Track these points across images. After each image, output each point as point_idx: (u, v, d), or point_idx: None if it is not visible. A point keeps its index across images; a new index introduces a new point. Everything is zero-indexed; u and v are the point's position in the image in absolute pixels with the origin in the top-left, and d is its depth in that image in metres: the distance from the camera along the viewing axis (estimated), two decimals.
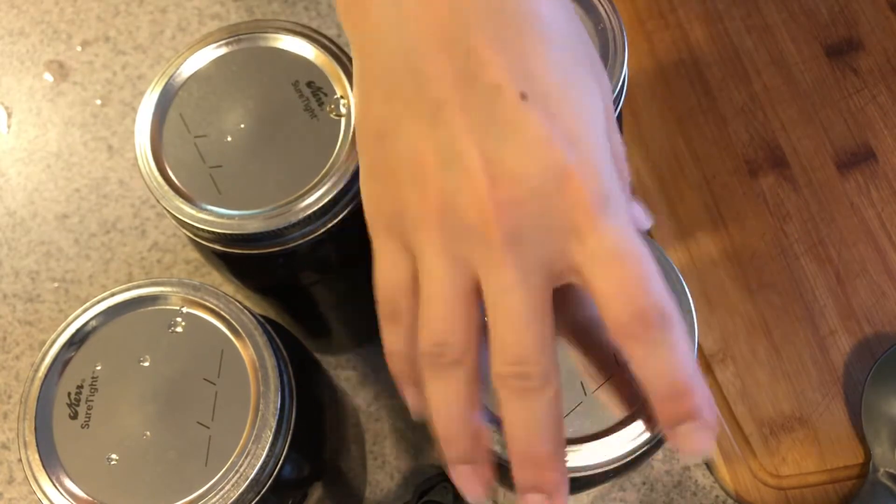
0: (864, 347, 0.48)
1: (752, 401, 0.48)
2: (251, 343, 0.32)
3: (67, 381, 0.32)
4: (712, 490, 0.48)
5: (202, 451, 0.31)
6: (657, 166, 0.53)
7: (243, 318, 0.33)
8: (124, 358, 0.33)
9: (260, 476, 0.31)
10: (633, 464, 0.31)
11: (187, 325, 0.33)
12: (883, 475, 0.45)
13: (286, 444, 0.32)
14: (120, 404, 0.32)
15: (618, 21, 0.35)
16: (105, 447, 0.31)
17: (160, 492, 0.31)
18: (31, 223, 0.56)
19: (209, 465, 0.31)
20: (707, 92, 0.55)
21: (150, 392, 0.32)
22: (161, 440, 0.31)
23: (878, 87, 0.54)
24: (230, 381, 0.32)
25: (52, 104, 0.59)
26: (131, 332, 0.33)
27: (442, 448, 0.27)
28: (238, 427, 0.31)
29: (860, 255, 0.50)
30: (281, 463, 0.32)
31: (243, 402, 0.32)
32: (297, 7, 0.61)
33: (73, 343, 0.33)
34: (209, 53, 0.37)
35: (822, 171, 0.52)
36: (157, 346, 0.33)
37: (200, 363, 0.32)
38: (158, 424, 0.32)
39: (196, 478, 0.31)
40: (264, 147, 0.35)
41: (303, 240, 0.35)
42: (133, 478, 0.31)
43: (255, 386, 0.32)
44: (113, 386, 0.32)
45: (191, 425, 0.31)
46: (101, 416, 0.32)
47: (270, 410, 0.31)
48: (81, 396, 0.32)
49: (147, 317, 0.33)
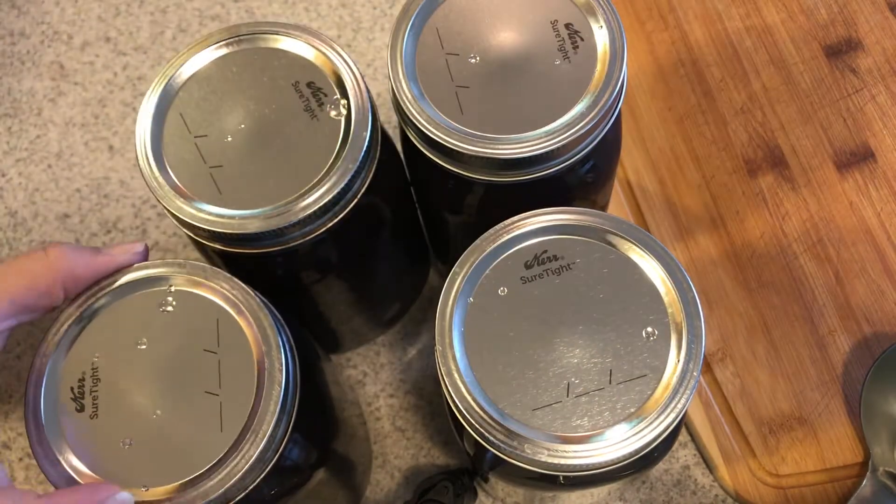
0: (863, 347, 0.48)
1: (751, 400, 0.48)
2: (246, 307, 0.33)
3: (68, 377, 0.33)
4: (712, 489, 0.48)
5: (215, 418, 0.32)
6: (656, 166, 0.53)
7: (232, 286, 0.33)
8: (121, 344, 0.33)
9: (276, 432, 0.31)
10: (639, 463, 0.31)
11: (178, 303, 0.34)
12: (882, 474, 0.45)
13: (295, 400, 0.33)
14: (125, 389, 0.32)
15: (617, 21, 0.36)
16: (118, 433, 0.32)
17: (182, 463, 0.31)
18: (32, 223, 0.56)
19: (225, 430, 0.31)
20: (706, 92, 0.55)
21: (153, 372, 0.33)
22: (173, 416, 0.32)
23: (877, 87, 0.54)
24: (230, 347, 0.33)
25: (52, 104, 0.59)
26: (123, 319, 0.34)
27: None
28: (247, 388, 0.32)
29: (859, 255, 0.50)
30: (293, 419, 0.32)
31: (247, 364, 0.32)
32: (297, 8, 0.61)
33: (65, 342, 0.33)
34: (210, 54, 0.37)
35: (822, 171, 0.52)
36: (151, 327, 0.33)
37: (198, 336, 0.33)
38: (167, 401, 0.32)
39: (214, 444, 0.31)
40: (264, 147, 0.35)
41: (303, 239, 0.35)
42: (152, 456, 0.31)
43: (257, 347, 0.32)
44: (114, 373, 0.33)
45: (200, 396, 0.32)
46: (109, 404, 0.32)
47: (276, 366, 0.32)
48: (84, 388, 0.32)
49: (137, 301, 0.34)
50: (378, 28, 0.60)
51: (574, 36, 0.36)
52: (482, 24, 0.36)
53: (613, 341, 0.32)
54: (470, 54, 0.36)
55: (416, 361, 0.52)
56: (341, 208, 0.35)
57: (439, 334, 0.32)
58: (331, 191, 0.34)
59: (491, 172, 0.35)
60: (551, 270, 0.33)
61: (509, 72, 0.35)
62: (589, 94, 0.35)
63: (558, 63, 0.35)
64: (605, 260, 0.33)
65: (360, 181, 0.35)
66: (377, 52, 0.59)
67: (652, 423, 0.30)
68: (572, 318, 0.32)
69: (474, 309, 0.33)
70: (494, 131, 0.34)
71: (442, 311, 0.32)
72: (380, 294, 0.48)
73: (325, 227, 0.35)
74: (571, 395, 0.31)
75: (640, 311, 0.32)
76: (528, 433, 0.30)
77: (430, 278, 0.54)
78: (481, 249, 0.33)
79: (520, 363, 0.32)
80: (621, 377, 0.31)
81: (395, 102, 0.36)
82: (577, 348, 0.32)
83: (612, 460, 0.30)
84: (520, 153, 0.34)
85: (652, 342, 0.32)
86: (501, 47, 0.36)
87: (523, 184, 0.35)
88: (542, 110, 0.35)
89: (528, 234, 0.33)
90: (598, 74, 0.35)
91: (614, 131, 0.38)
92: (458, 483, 0.45)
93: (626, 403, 0.31)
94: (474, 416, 0.31)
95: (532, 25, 0.36)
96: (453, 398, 0.31)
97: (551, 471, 0.31)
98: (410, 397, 0.51)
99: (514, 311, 0.32)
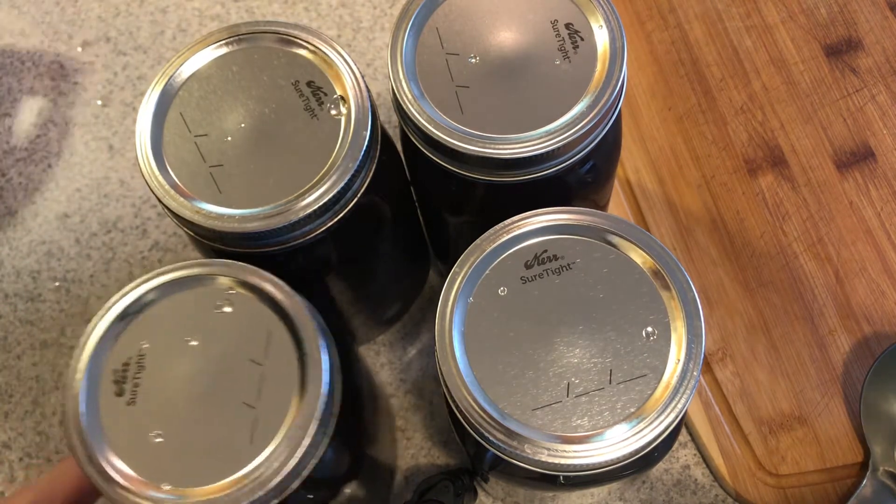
0: (863, 346, 0.48)
1: (751, 400, 0.48)
2: (299, 325, 0.32)
3: (114, 358, 0.32)
4: (711, 489, 0.48)
5: (247, 431, 0.31)
6: (656, 166, 0.53)
7: (291, 301, 0.33)
8: (172, 337, 0.33)
9: (303, 459, 0.31)
10: (639, 463, 0.31)
11: (235, 306, 0.33)
12: (882, 474, 0.45)
13: (332, 427, 0.32)
14: (166, 383, 0.32)
15: (617, 21, 0.36)
16: (149, 425, 0.31)
17: (204, 470, 0.31)
18: (31, 223, 0.56)
19: (254, 445, 0.31)
20: (706, 92, 0.55)
21: (196, 371, 0.32)
22: (206, 419, 0.31)
23: (877, 87, 0.54)
24: (276, 362, 0.32)
25: (52, 104, 0.59)
26: (179, 312, 0.33)
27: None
28: (283, 408, 0.31)
29: (859, 255, 0.50)
30: (326, 446, 0.32)
31: (289, 383, 0.32)
32: (297, 7, 0.61)
33: (122, 319, 0.33)
34: (209, 53, 0.37)
35: (821, 171, 0.52)
36: (204, 325, 0.33)
37: (247, 344, 0.32)
38: (204, 404, 0.32)
39: (240, 458, 0.31)
40: (264, 146, 0.35)
41: (303, 239, 0.35)
42: (177, 456, 0.31)
43: (301, 369, 0.32)
44: (160, 364, 0.32)
45: (237, 405, 0.31)
46: (147, 394, 0.32)
47: (317, 392, 0.31)
48: (128, 374, 0.32)
49: (195, 296, 0.33)
50: (378, 28, 0.60)
51: (574, 36, 0.36)
52: (482, 24, 0.36)
53: (613, 341, 0.32)
54: (470, 54, 0.36)
55: (416, 361, 0.52)
56: (341, 208, 0.35)
57: (439, 334, 0.32)
58: (331, 190, 0.34)
59: (491, 172, 0.35)
60: (551, 270, 0.33)
61: (509, 72, 0.35)
62: (589, 93, 0.35)
63: (558, 63, 0.35)
64: (605, 260, 0.33)
65: (360, 180, 0.35)
66: (377, 51, 0.59)
67: (652, 422, 0.30)
68: (572, 317, 0.32)
69: (474, 309, 0.33)
70: (494, 131, 0.34)
71: (442, 310, 0.32)
72: (380, 293, 0.48)
73: (325, 227, 0.35)
74: (571, 394, 0.31)
75: (640, 311, 0.32)
76: (528, 433, 0.30)
77: (430, 278, 0.54)
78: (481, 249, 0.33)
79: (520, 363, 0.31)
80: (621, 377, 0.31)
81: (395, 102, 0.36)
82: (577, 348, 0.32)
83: (612, 460, 0.30)
84: (520, 153, 0.34)
85: (652, 342, 0.32)
86: (501, 47, 0.36)
87: (523, 184, 0.35)
88: (542, 110, 0.35)
89: (528, 234, 0.33)
90: (598, 74, 0.35)
91: (614, 131, 0.38)
92: (458, 483, 0.45)
93: (626, 403, 0.31)
94: (474, 415, 0.31)
95: (532, 25, 0.36)
96: (453, 398, 0.31)
97: (551, 471, 0.31)
98: (410, 397, 0.51)
99: (514, 310, 0.32)
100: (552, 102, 0.35)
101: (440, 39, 0.36)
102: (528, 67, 0.35)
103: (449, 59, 0.36)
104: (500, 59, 0.36)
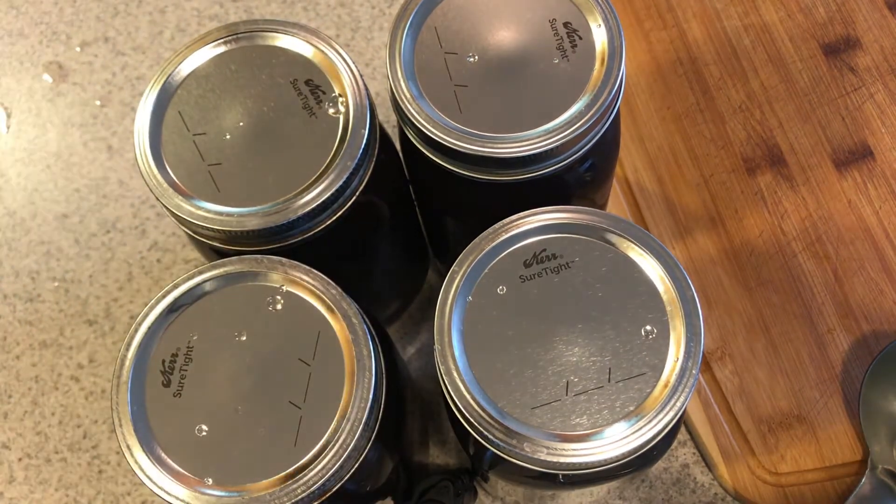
0: (861, 345, 0.48)
1: (750, 398, 0.48)
2: (349, 328, 0.32)
3: (163, 349, 0.32)
4: (711, 488, 0.48)
5: (292, 431, 0.31)
6: (655, 165, 0.53)
7: (342, 303, 0.33)
8: (221, 331, 0.33)
9: (347, 462, 0.31)
10: (638, 461, 0.31)
11: (286, 304, 0.33)
12: (881, 472, 0.45)
13: (376, 430, 0.32)
14: (213, 377, 0.32)
15: (615, 20, 0.36)
16: (195, 418, 0.31)
17: (247, 468, 0.31)
18: (31, 223, 0.56)
19: (298, 446, 0.31)
20: (705, 91, 0.55)
21: (244, 367, 0.32)
22: (252, 416, 0.31)
23: (876, 86, 0.54)
24: (325, 363, 0.32)
25: (51, 105, 0.59)
26: (230, 306, 0.33)
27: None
28: (330, 410, 0.31)
29: (858, 253, 0.50)
30: (369, 448, 0.32)
31: (337, 385, 0.31)
32: (295, 7, 0.61)
33: (173, 311, 0.33)
34: (208, 52, 0.37)
35: (820, 169, 0.52)
36: (254, 322, 0.33)
37: (296, 343, 0.32)
38: (250, 400, 0.31)
39: (285, 458, 0.31)
40: (263, 145, 0.35)
41: (301, 237, 0.35)
42: (221, 451, 0.31)
43: (350, 372, 0.32)
44: (208, 358, 0.32)
45: (283, 404, 0.31)
46: (194, 387, 0.32)
47: (364, 396, 0.31)
48: (176, 365, 0.32)
49: (247, 292, 0.33)
50: (377, 27, 0.60)
51: (572, 35, 0.36)
52: (480, 24, 0.36)
53: (612, 340, 0.32)
54: (468, 53, 0.36)
55: (415, 360, 0.52)
56: (340, 206, 0.35)
57: (438, 333, 0.32)
58: (329, 188, 0.34)
59: (489, 171, 0.35)
60: (550, 269, 0.33)
61: (508, 71, 0.35)
62: (587, 92, 0.35)
63: (557, 62, 0.35)
64: (603, 258, 0.33)
65: (359, 179, 0.35)
66: (376, 51, 0.59)
67: (651, 421, 0.30)
68: (571, 316, 0.32)
69: (473, 308, 0.33)
70: (493, 130, 0.34)
71: (441, 309, 0.32)
72: (378, 292, 0.48)
73: (323, 225, 0.35)
74: (570, 393, 0.31)
75: (639, 310, 0.32)
76: (527, 432, 0.30)
77: (429, 277, 0.54)
78: (480, 248, 0.33)
79: (519, 362, 0.31)
80: (620, 375, 0.31)
81: (394, 101, 0.36)
82: (576, 347, 0.32)
83: (612, 458, 0.30)
84: (518, 152, 0.34)
85: (651, 340, 0.32)
86: (500, 46, 0.36)
87: (522, 182, 0.35)
88: (541, 109, 0.35)
89: (526, 233, 0.33)
90: (596, 73, 0.35)
91: (613, 130, 0.38)
92: (458, 483, 0.45)
93: (625, 402, 0.31)
94: (473, 414, 0.31)
95: (530, 24, 0.36)
96: (452, 397, 0.31)
97: (551, 469, 0.31)
98: None
99: (512, 309, 0.32)
100: (550, 101, 0.35)
101: (438, 39, 0.36)
102: (526, 66, 0.35)
103: (447, 58, 0.36)
104: (498, 58, 0.36)
